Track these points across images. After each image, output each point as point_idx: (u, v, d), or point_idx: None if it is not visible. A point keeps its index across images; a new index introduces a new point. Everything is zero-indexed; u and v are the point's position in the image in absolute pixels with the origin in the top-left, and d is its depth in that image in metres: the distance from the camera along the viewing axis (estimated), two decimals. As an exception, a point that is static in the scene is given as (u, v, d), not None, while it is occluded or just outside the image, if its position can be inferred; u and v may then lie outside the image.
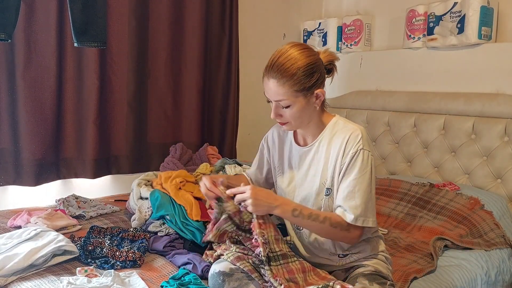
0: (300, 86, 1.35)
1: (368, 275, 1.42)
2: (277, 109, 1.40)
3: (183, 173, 2.27)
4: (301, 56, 1.35)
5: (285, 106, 1.38)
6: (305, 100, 1.38)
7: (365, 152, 1.37)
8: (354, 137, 1.39)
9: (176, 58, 2.87)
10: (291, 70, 1.33)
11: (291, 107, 1.37)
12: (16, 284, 1.56)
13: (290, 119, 1.40)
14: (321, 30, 3.36)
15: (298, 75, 1.34)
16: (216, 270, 1.46)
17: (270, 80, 1.36)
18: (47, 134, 2.45)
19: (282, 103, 1.37)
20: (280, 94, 1.36)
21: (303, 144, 1.52)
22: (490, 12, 2.47)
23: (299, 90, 1.36)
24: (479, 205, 2.19)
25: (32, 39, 2.34)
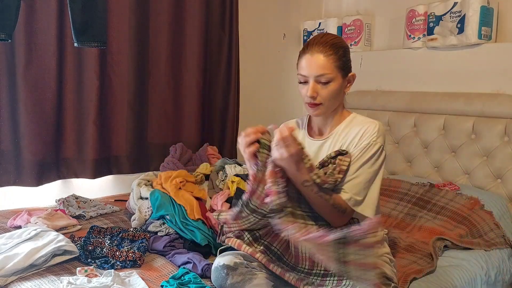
0: (341, 64, 1.43)
1: None
2: (315, 87, 1.42)
3: (183, 173, 2.28)
4: (340, 39, 1.50)
5: (325, 82, 1.41)
6: (342, 80, 1.45)
7: (378, 145, 1.41)
8: (371, 129, 1.42)
9: (176, 58, 2.87)
10: (337, 46, 1.43)
11: (330, 83, 1.42)
12: (16, 284, 1.56)
13: (325, 99, 1.43)
14: (321, 30, 3.35)
15: (341, 52, 1.44)
16: (221, 263, 1.47)
17: (315, 54, 1.41)
18: (48, 134, 2.45)
19: (323, 77, 1.41)
20: (324, 67, 1.40)
21: (317, 136, 1.54)
22: (490, 12, 2.47)
23: (340, 67, 1.43)
24: (479, 205, 2.19)
25: (33, 39, 2.34)
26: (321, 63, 1.41)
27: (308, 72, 1.43)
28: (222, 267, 1.45)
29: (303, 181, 1.32)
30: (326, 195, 1.34)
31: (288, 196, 1.33)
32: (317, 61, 1.41)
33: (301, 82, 1.47)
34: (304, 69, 1.44)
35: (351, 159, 1.39)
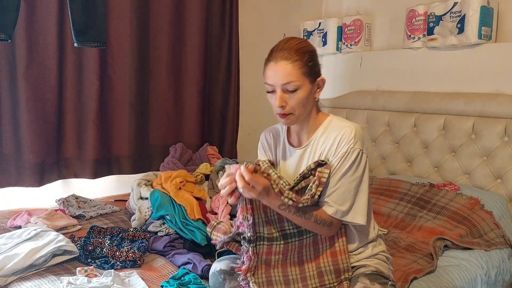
0: (307, 69, 1.37)
1: (369, 275, 1.42)
2: (282, 96, 1.36)
3: (183, 173, 2.28)
4: (306, 43, 1.41)
5: (292, 90, 1.35)
6: (310, 86, 1.39)
7: (357, 151, 1.36)
8: (347, 135, 1.38)
9: (177, 58, 2.87)
10: (303, 51, 1.36)
11: (298, 91, 1.36)
12: (16, 284, 1.56)
13: (295, 107, 1.37)
14: (321, 30, 3.36)
15: (306, 57, 1.36)
16: (217, 269, 1.47)
17: (279, 62, 1.35)
18: (49, 134, 2.45)
19: (290, 85, 1.35)
20: (290, 75, 1.34)
21: (297, 144, 1.50)
22: (490, 12, 2.47)
23: (307, 73, 1.37)
24: (479, 205, 2.19)
25: (33, 39, 2.34)
26: (286, 70, 1.34)
27: (274, 81, 1.36)
28: (219, 272, 1.45)
29: (278, 206, 1.33)
30: (305, 214, 1.34)
31: (269, 220, 1.40)
32: (282, 69, 1.35)
33: (268, 91, 1.40)
34: (269, 78, 1.38)
35: (331, 169, 1.36)
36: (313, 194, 1.32)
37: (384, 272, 1.46)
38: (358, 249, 1.48)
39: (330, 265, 1.43)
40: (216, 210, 2.08)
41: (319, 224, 1.36)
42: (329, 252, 1.43)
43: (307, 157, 1.46)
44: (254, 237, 1.39)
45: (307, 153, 1.46)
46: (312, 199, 1.32)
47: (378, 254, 1.50)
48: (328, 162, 1.37)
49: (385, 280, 1.42)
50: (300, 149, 1.47)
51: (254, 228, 1.39)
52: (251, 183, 1.26)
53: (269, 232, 1.41)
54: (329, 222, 1.36)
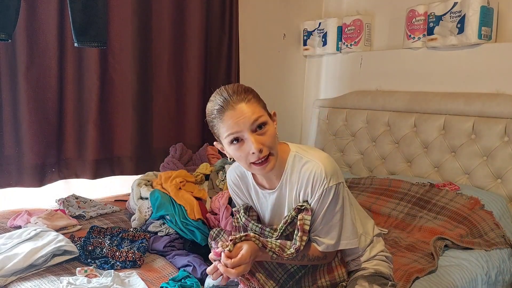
0: (262, 103, 1.30)
1: (368, 276, 1.41)
2: (256, 138, 1.24)
3: (183, 173, 2.28)
4: (241, 84, 1.35)
5: (261, 126, 1.25)
6: (271, 120, 1.31)
7: (333, 188, 1.31)
8: (318, 176, 1.30)
9: (178, 58, 2.87)
10: (247, 90, 1.30)
11: (267, 126, 1.27)
12: (16, 284, 1.56)
13: (271, 145, 1.26)
14: (321, 30, 3.36)
15: (254, 93, 1.30)
16: (210, 285, 1.47)
17: (239, 105, 1.24)
18: (49, 134, 2.44)
19: (259, 121, 1.24)
20: (255, 111, 1.25)
21: (269, 186, 1.41)
22: (490, 12, 2.47)
23: (264, 107, 1.30)
24: (479, 205, 2.19)
25: (34, 39, 2.33)
26: (249, 109, 1.24)
27: (240, 126, 1.23)
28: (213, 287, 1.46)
29: (270, 258, 1.32)
30: (297, 257, 1.34)
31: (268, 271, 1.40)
32: (244, 110, 1.24)
33: (234, 143, 1.26)
34: (232, 127, 1.24)
35: (312, 213, 1.32)
36: (298, 247, 1.31)
37: (384, 272, 1.45)
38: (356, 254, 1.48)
39: (327, 281, 1.44)
40: (216, 210, 2.08)
41: (314, 261, 1.38)
42: (326, 270, 1.44)
43: (283, 198, 1.40)
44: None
45: (283, 194, 1.39)
46: (297, 252, 1.31)
47: (376, 255, 1.49)
48: (307, 206, 1.33)
49: (385, 281, 1.41)
50: (274, 191, 1.39)
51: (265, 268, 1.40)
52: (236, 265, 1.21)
53: (276, 282, 1.40)
54: (322, 256, 1.38)
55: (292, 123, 3.65)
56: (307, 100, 3.63)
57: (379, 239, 1.53)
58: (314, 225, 1.35)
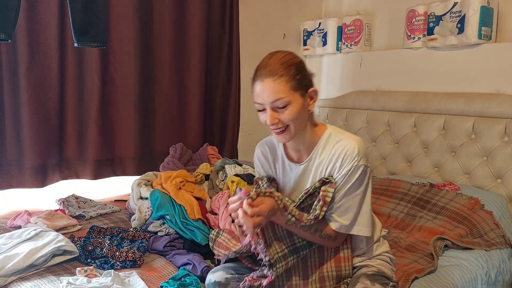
0: (296, 83, 1.31)
1: (370, 275, 1.42)
2: (273, 113, 1.31)
3: (183, 173, 2.28)
4: (290, 56, 1.35)
5: (282, 106, 1.30)
6: (302, 99, 1.33)
7: (361, 168, 1.34)
8: (350, 152, 1.34)
9: (179, 58, 2.86)
10: (287, 64, 1.32)
11: (289, 106, 1.31)
12: (16, 284, 1.56)
13: (289, 122, 1.32)
14: (321, 30, 3.36)
15: (292, 71, 1.31)
16: (212, 281, 1.47)
17: (265, 80, 1.31)
18: (50, 134, 2.44)
19: (279, 102, 1.30)
20: (278, 92, 1.29)
21: (297, 160, 1.45)
22: (490, 12, 2.47)
23: (295, 87, 1.31)
24: (479, 205, 2.19)
25: (35, 39, 2.33)
26: (273, 88, 1.29)
27: (262, 100, 1.32)
28: (214, 284, 1.46)
29: (285, 222, 1.33)
30: (311, 229, 1.35)
31: (278, 236, 1.39)
32: (268, 87, 1.30)
33: (259, 110, 1.35)
34: (258, 97, 1.33)
35: (335, 187, 1.34)
36: (317, 215, 1.32)
37: (386, 273, 1.46)
38: (362, 250, 1.49)
39: (333, 271, 1.44)
40: (216, 210, 2.08)
41: (324, 239, 1.38)
42: (333, 258, 1.44)
43: (309, 172, 1.43)
44: (273, 259, 1.35)
45: (309, 168, 1.42)
46: (316, 220, 1.33)
47: (381, 255, 1.50)
48: (332, 180, 1.36)
49: (386, 281, 1.42)
50: (301, 165, 1.43)
51: (269, 250, 1.36)
52: (256, 215, 1.23)
53: (281, 249, 1.39)
54: (334, 236, 1.38)
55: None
56: (307, 100, 3.62)
57: (384, 241, 1.55)
58: (333, 202, 1.36)
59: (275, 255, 1.37)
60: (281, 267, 1.38)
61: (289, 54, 1.36)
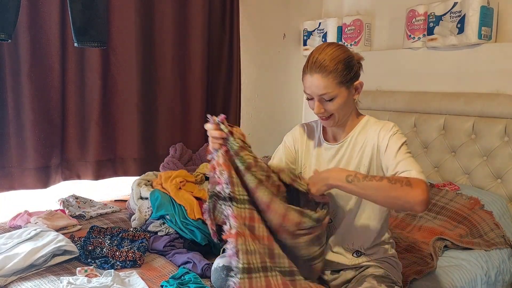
0: (342, 78, 1.40)
1: (378, 276, 1.44)
2: (320, 104, 1.43)
3: (183, 173, 2.27)
4: (340, 51, 1.43)
5: (329, 99, 1.41)
6: (347, 91, 1.43)
7: (399, 133, 1.44)
8: (387, 127, 1.45)
9: (180, 58, 2.86)
10: (333, 63, 1.39)
11: (335, 99, 1.41)
12: (16, 284, 1.56)
13: (334, 112, 1.43)
14: (321, 30, 3.36)
15: (339, 68, 1.40)
16: (220, 264, 1.48)
17: (314, 75, 1.40)
18: (52, 135, 2.43)
19: (326, 96, 1.41)
20: (325, 87, 1.39)
21: (332, 141, 1.54)
22: (490, 12, 2.47)
23: (342, 82, 1.41)
24: (479, 205, 2.19)
25: (37, 39, 2.33)
26: (321, 84, 1.39)
27: (311, 92, 1.44)
28: (222, 268, 1.46)
29: (346, 177, 1.31)
30: (376, 176, 1.32)
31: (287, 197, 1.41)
32: (316, 82, 1.40)
33: (308, 98, 1.48)
34: (307, 88, 1.45)
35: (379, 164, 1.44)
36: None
37: (392, 277, 1.48)
38: (372, 249, 1.52)
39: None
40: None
41: (395, 184, 1.27)
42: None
43: (343, 152, 1.50)
44: (234, 192, 1.31)
45: (344, 149, 1.50)
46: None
47: (389, 258, 1.53)
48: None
49: (392, 284, 1.44)
50: (336, 145, 1.52)
51: (232, 182, 1.31)
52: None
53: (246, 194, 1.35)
54: (406, 181, 1.28)
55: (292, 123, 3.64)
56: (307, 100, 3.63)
57: (394, 245, 1.60)
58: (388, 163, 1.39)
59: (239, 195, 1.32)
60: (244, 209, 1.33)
61: (339, 49, 1.43)
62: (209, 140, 1.38)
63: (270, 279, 1.29)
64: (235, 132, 1.37)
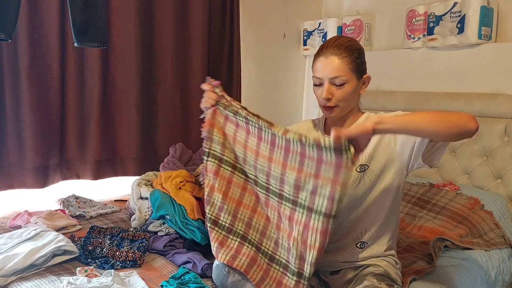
0: (356, 66, 1.45)
1: (378, 275, 1.45)
2: (329, 89, 1.44)
3: (183, 173, 2.27)
4: (355, 41, 1.50)
5: (339, 84, 1.43)
6: (357, 82, 1.47)
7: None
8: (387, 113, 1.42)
9: (181, 58, 2.86)
10: (352, 48, 1.45)
11: (345, 85, 1.44)
12: (16, 284, 1.56)
13: (340, 100, 1.45)
14: (321, 30, 3.36)
15: (355, 55, 1.45)
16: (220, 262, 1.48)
17: (329, 57, 1.43)
18: (51, 135, 2.43)
19: (338, 80, 1.43)
20: (339, 69, 1.42)
21: None
22: (490, 12, 2.47)
23: (354, 70, 1.45)
24: (479, 205, 2.19)
25: (36, 38, 2.33)
26: (336, 65, 1.43)
27: (322, 74, 1.45)
28: (223, 265, 1.46)
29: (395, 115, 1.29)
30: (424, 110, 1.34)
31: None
32: (331, 64, 1.43)
33: (315, 84, 1.49)
34: (318, 72, 1.46)
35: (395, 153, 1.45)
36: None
37: (392, 275, 1.48)
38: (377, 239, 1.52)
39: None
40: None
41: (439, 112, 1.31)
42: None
43: None
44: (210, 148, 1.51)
45: None
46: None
47: (388, 256, 1.53)
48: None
49: (391, 283, 1.44)
50: None
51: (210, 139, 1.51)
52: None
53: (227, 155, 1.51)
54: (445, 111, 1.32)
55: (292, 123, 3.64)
56: (307, 100, 3.63)
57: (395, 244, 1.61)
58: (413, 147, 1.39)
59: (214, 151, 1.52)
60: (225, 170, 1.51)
61: (353, 40, 1.50)
62: (203, 98, 1.52)
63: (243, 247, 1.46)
64: (226, 97, 1.51)
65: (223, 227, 1.50)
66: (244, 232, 1.48)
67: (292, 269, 1.35)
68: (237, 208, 1.50)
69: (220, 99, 1.51)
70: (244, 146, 1.47)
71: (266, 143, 1.40)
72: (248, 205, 1.50)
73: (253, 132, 1.44)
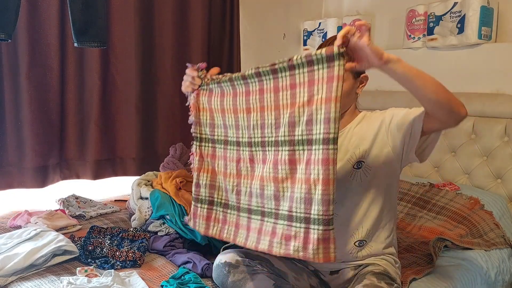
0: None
1: (377, 273, 1.46)
2: None
3: (183, 173, 2.28)
4: None
5: None
6: (354, 80, 1.49)
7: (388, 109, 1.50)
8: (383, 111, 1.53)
9: (181, 58, 2.85)
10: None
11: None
12: (16, 284, 1.56)
13: None
14: (321, 30, 3.36)
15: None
16: (222, 261, 1.48)
17: None
18: (51, 134, 2.43)
19: None
20: None
21: None
22: (490, 12, 2.47)
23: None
24: (479, 205, 2.19)
25: (36, 39, 2.32)
26: None
27: None
28: (224, 264, 1.47)
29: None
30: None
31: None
32: None
33: None
34: None
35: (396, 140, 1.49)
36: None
37: (391, 274, 1.48)
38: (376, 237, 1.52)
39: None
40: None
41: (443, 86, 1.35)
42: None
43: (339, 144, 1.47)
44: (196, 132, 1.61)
45: (340, 140, 1.47)
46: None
47: (387, 255, 1.53)
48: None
49: (391, 282, 1.44)
50: None
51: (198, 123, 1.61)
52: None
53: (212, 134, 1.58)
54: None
55: (292, 123, 3.66)
56: (307, 100, 3.63)
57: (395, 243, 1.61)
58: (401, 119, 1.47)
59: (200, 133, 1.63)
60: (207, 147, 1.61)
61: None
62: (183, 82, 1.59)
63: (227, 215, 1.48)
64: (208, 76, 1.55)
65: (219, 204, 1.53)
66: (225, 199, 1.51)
67: (297, 217, 1.25)
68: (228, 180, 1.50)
69: (202, 81, 1.56)
70: (234, 110, 1.45)
71: (254, 95, 1.37)
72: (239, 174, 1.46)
73: (240, 91, 1.41)
